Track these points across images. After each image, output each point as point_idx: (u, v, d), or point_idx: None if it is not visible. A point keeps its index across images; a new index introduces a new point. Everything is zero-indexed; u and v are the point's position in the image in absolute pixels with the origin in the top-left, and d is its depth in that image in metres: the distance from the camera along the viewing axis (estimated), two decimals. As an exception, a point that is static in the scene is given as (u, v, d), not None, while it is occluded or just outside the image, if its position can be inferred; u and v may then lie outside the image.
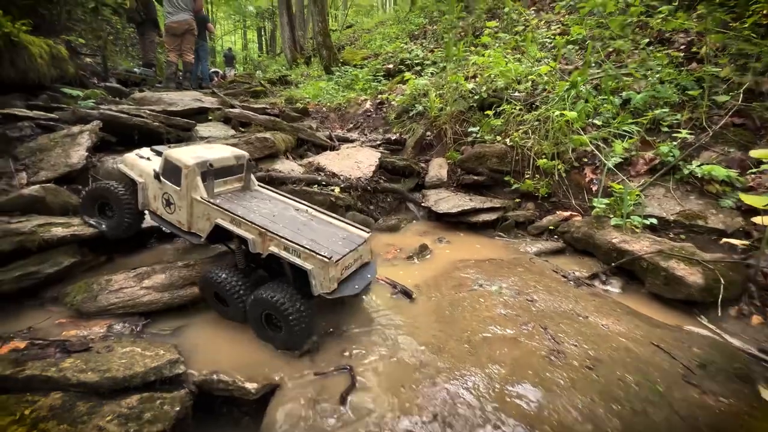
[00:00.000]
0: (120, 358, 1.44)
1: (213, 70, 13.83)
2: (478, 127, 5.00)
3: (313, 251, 1.71)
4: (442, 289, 2.55)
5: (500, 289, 2.51)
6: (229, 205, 1.91)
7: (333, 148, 5.76)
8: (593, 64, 4.69)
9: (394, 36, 12.93)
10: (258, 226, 1.79)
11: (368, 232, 2.12)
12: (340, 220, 2.20)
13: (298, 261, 1.73)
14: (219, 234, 1.93)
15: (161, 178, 1.97)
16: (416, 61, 9.13)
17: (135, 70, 9.03)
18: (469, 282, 2.66)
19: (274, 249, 1.78)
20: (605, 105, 4.18)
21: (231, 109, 5.15)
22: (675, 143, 3.59)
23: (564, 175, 4.04)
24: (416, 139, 5.59)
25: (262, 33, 33.12)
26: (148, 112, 4.05)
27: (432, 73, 7.33)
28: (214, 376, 1.57)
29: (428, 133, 5.80)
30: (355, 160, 4.44)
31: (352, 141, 6.37)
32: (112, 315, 1.85)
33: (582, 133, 3.99)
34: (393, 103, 7.51)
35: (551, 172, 4.09)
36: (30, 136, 3.18)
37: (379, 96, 8.39)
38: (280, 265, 1.85)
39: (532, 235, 3.84)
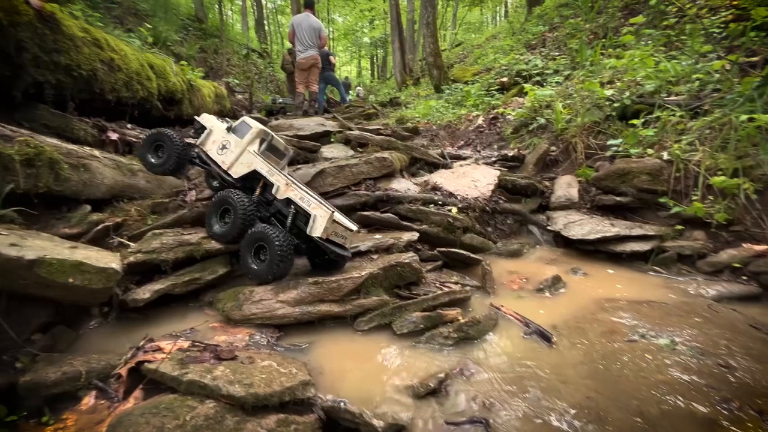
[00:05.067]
0: (261, 372, 1.49)
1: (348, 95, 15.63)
2: (620, 140, 4.26)
3: (322, 203, 2.28)
4: (588, 335, 2.10)
5: (673, 345, 1.95)
6: (273, 166, 2.57)
7: (445, 166, 5.62)
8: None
9: (509, 48, 12.36)
10: (287, 177, 2.40)
11: (357, 227, 2.58)
12: (336, 210, 2.66)
13: (307, 207, 2.26)
14: (247, 179, 2.54)
15: (231, 130, 2.65)
16: (535, 72, 8.49)
17: (280, 101, 10.60)
18: (623, 329, 2.15)
19: (292, 195, 2.32)
20: (823, 103, 3.10)
21: (350, 132, 5.46)
22: None
23: (754, 196, 3.10)
24: (538, 155, 5.07)
25: (375, 60, 35.67)
26: (285, 137, 4.54)
27: (557, 83, 6.68)
28: (341, 405, 1.51)
29: (553, 147, 5.21)
30: (471, 179, 4.20)
31: (464, 158, 6.14)
32: (253, 324, 1.99)
33: (785, 141, 3.02)
34: (509, 117, 7.06)
35: (733, 192, 3.18)
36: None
37: (493, 111, 8.00)
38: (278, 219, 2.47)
39: (705, 273, 3.01)
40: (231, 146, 2.57)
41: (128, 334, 1.96)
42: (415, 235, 3.09)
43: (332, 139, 5.97)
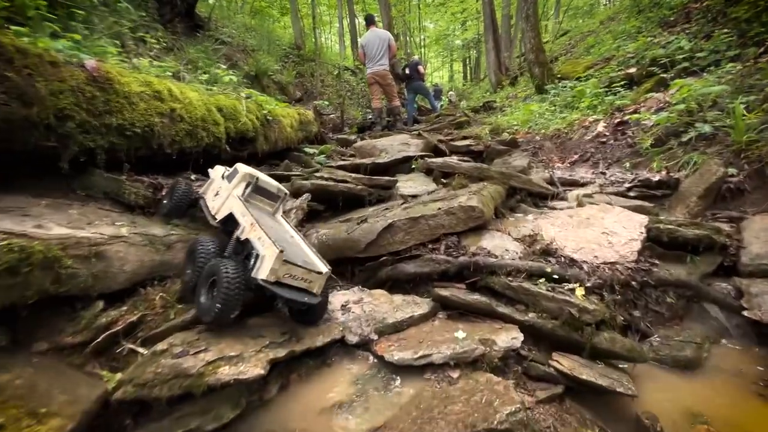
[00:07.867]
0: None
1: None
2: None
3: (273, 242, 1.98)
4: None
5: None
6: (248, 207, 2.33)
7: (556, 196, 4.35)
8: None
9: (634, 30, 10.05)
10: (253, 218, 2.18)
11: (328, 269, 2.26)
12: (315, 253, 2.40)
13: (260, 248, 2.01)
14: (227, 223, 2.41)
15: (224, 177, 2.66)
16: (679, 57, 6.48)
17: (370, 116, 10.61)
18: None
19: (251, 236, 2.12)
20: None
21: (432, 160, 4.60)
22: None
23: None
24: (708, 182, 3.45)
25: (467, 62, 34.12)
26: (352, 176, 3.92)
27: (729, 71, 4.78)
28: None
29: (731, 170, 3.53)
30: (601, 229, 2.92)
31: (582, 184, 4.72)
32: None
33: None
34: (645, 122, 5.36)
35: None
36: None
37: (618, 113, 6.29)
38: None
39: None
40: (222, 192, 2.58)
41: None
42: (517, 339, 2.05)
43: (414, 166, 5.18)
